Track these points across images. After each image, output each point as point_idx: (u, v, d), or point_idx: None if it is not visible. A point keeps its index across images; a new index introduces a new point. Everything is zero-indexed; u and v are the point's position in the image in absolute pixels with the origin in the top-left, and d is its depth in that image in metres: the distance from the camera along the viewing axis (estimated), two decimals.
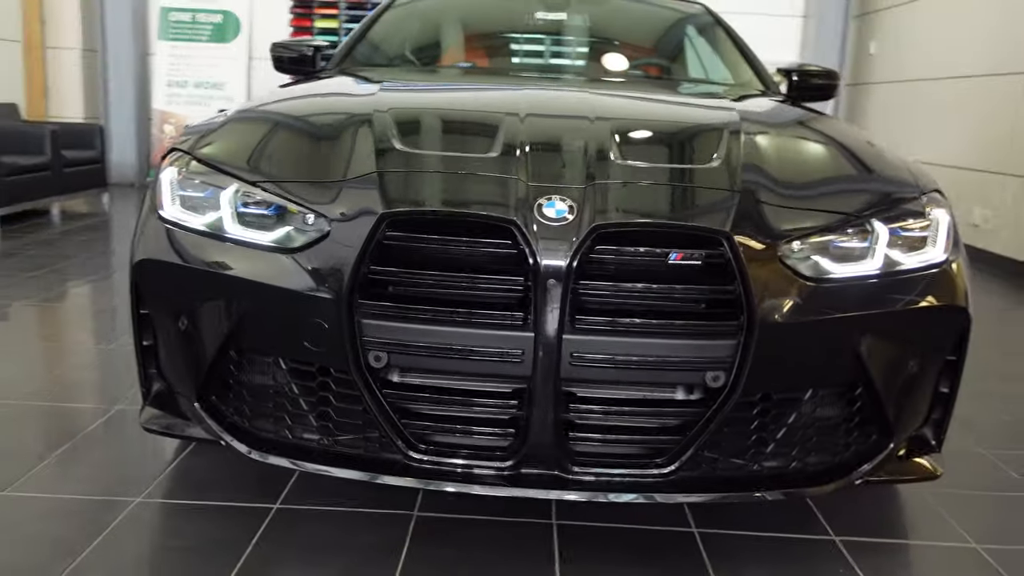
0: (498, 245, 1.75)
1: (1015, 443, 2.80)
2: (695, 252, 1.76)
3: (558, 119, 2.19)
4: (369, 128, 2.02)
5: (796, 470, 1.91)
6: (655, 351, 1.75)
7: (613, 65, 3.40)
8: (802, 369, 1.84)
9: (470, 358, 1.76)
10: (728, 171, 1.91)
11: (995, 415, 3.07)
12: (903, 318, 1.91)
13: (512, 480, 1.82)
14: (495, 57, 3.46)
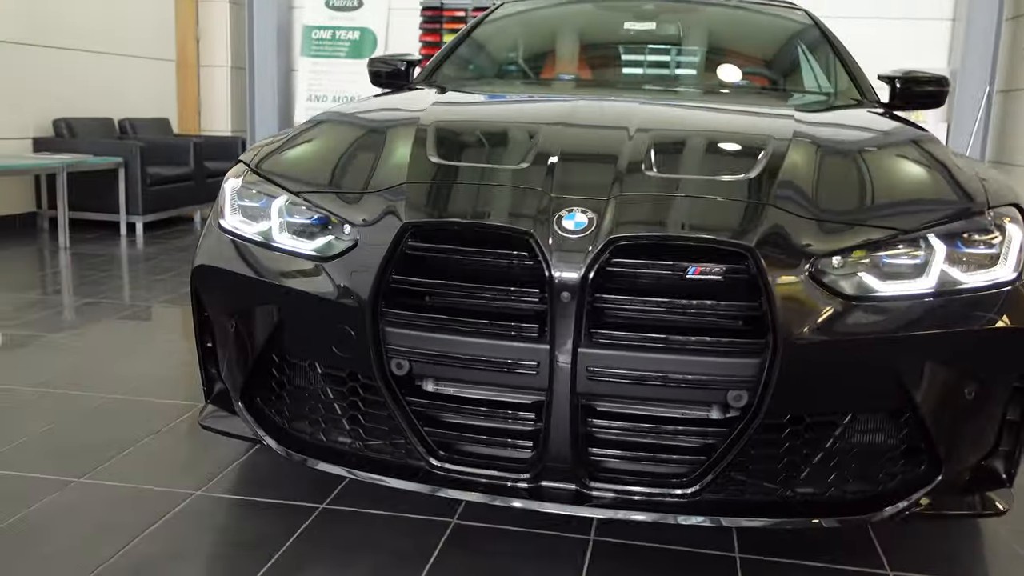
0: (516, 256, 1.75)
1: None
2: (716, 267, 1.70)
3: (598, 130, 2.16)
4: (409, 140, 2.06)
5: (832, 498, 1.81)
6: (675, 368, 1.70)
7: (699, 75, 3.32)
8: (836, 392, 1.74)
9: (488, 369, 1.76)
10: (762, 184, 1.84)
11: None
12: (959, 340, 1.78)
13: (531, 493, 1.81)
14: (581, 69, 3.45)
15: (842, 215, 1.81)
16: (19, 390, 3.01)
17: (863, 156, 2.08)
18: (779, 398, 1.69)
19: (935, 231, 1.82)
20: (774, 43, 3.49)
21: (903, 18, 8.54)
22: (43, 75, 6.66)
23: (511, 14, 3.69)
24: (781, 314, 1.66)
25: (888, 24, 8.52)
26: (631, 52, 3.43)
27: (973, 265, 1.84)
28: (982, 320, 1.79)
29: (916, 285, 1.78)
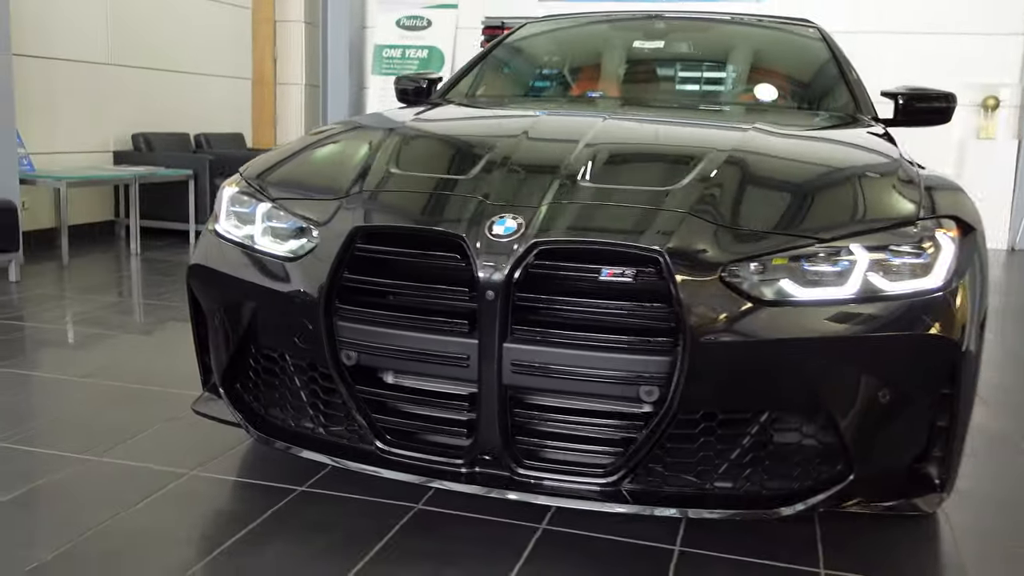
0: (449, 258, 1.91)
1: None
2: (628, 270, 1.82)
3: (550, 143, 2.31)
4: (376, 152, 2.25)
5: (749, 493, 1.90)
6: (592, 363, 1.83)
7: (696, 92, 3.43)
8: (747, 391, 1.84)
9: (425, 361, 1.93)
10: (685, 194, 1.95)
11: None
12: (873, 346, 1.86)
13: (467, 478, 1.96)
14: (585, 87, 3.60)
15: (762, 223, 1.91)
16: (67, 379, 3.31)
17: (803, 168, 2.17)
18: (689, 395, 1.81)
19: (858, 241, 1.91)
20: (778, 60, 3.57)
21: (975, 33, 8.37)
22: (125, 93, 7.13)
23: (529, 36, 3.86)
24: (689, 315, 1.78)
25: (955, 40, 8.35)
26: (633, 70, 3.57)
27: (899, 274, 1.92)
28: (900, 327, 1.86)
29: (834, 292, 1.87)
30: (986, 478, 2.66)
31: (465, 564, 2.03)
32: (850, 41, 8.09)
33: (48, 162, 6.36)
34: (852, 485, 1.88)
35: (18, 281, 5.12)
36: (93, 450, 2.62)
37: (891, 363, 1.88)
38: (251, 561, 2.02)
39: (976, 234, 2.11)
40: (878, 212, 2.00)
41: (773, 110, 3.19)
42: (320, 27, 9.76)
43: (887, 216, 1.99)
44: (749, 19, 3.78)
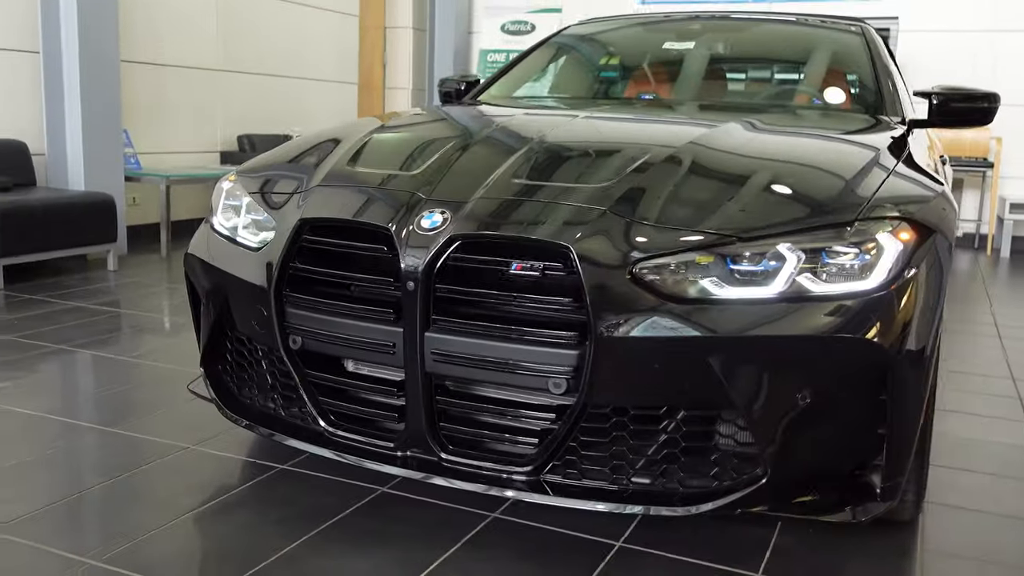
0: (379, 250, 1.99)
1: None
2: (537, 263, 1.86)
3: (502, 142, 2.35)
4: (343, 149, 2.37)
5: (667, 490, 1.90)
6: (504, 354, 1.88)
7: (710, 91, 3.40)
8: (656, 387, 1.84)
9: (357, 347, 2.02)
10: (611, 191, 1.97)
11: None
12: (791, 347, 1.82)
13: (401, 461, 2.04)
14: (599, 90, 3.63)
15: (684, 221, 1.90)
16: (117, 359, 3.60)
17: (750, 165, 2.14)
18: (597, 389, 1.83)
19: (787, 240, 1.87)
20: (807, 60, 3.48)
21: None
22: (233, 97, 7.58)
23: (564, 39, 3.91)
24: (597, 311, 1.80)
25: None
26: (653, 71, 3.56)
27: (834, 275, 1.87)
28: (823, 329, 1.82)
29: (755, 291, 1.84)
30: (981, 495, 2.53)
31: (402, 544, 2.11)
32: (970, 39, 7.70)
33: (158, 161, 6.83)
34: (766, 488, 1.85)
35: (116, 270, 5.55)
36: (108, 422, 2.85)
37: (812, 366, 1.84)
38: (213, 526, 2.18)
39: (935, 238, 2.03)
40: (816, 212, 1.96)
41: (779, 108, 3.13)
42: (428, 33, 10.04)
43: (824, 216, 1.94)
44: (790, 18, 3.70)
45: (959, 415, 3.24)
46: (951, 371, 3.84)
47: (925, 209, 2.07)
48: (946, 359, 4.04)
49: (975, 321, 4.89)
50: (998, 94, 3.13)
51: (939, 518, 2.36)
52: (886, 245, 1.90)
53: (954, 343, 4.36)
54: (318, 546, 2.10)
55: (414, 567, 2.01)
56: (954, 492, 2.54)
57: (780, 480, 1.86)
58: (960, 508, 2.43)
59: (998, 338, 4.52)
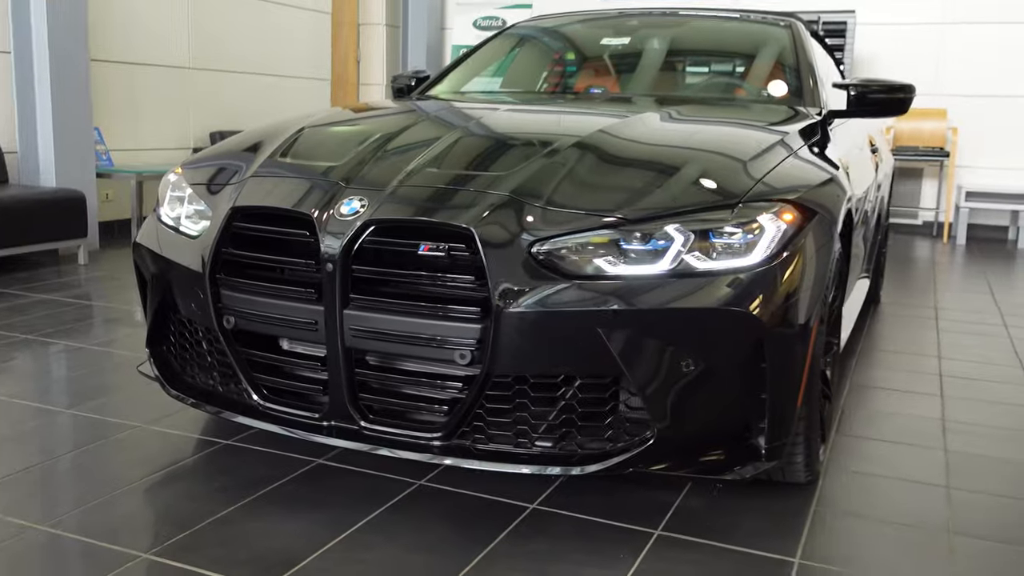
0: (301, 235, 2.16)
1: None
2: (442, 245, 2.03)
3: (425, 134, 2.52)
4: (277, 142, 2.53)
5: (565, 452, 2.07)
6: (415, 329, 2.05)
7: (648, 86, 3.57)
8: (552, 357, 2.01)
9: (284, 325, 2.19)
10: (515, 178, 2.14)
11: None
12: (675, 319, 1.99)
13: (326, 430, 2.21)
14: (545, 84, 3.80)
15: (581, 204, 2.08)
16: (83, 347, 3.75)
17: (648, 152, 2.31)
18: (498, 360, 2.00)
19: (675, 221, 2.05)
20: (730, 54, 3.66)
21: None
22: (205, 94, 7.72)
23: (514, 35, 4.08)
24: (497, 288, 1.97)
25: None
26: (586, 67, 3.73)
27: (719, 253, 2.05)
28: (704, 302, 1.99)
29: (643, 269, 2.02)
30: (880, 461, 2.71)
31: (331, 508, 2.28)
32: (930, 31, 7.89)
33: (130, 158, 6.97)
34: (654, 449, 2.02)
35: (86, 264, 5.69)
36: (67, 405, 3.01)
37: (696, 337, 2.01)
38: (157, 494, 2.34)
39: (817, 220, 2.20)
40: (705, 194, 2.13)
41: (703, 100, 3.30)
42: (401, 29, 10.18)
43: (712, 198, 2.11)
44: (731, 15, 3.89)
45: (880, 391, 3.43)
46: (883, 351, 4.03)
47: (812, 192, 2.25)
48: (881, 339, 4.23)
49: (917, 305, 5.08)
50: (913, 85, 3.31)
51: (836, 481, 2.54)
52: (766, 226, 2.07)
53: (893, 326, 4.55)
54: (252, 510, 2.26)
55: (339, 528, 2.18)
56: (856, 458, 2.72)
57: (668, 442, 2.03)
58: (860, 473, 2.62)
59: (935, 320, 4.71)
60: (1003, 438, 2.95)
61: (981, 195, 7.65)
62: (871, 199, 3.58)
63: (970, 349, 4.10)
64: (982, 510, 2.40)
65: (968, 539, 2.23)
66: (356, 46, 10.20)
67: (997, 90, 7.90)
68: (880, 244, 4.71)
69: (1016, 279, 6.06)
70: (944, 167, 8.00)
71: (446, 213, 2.07)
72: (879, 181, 4.02)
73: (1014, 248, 7.57)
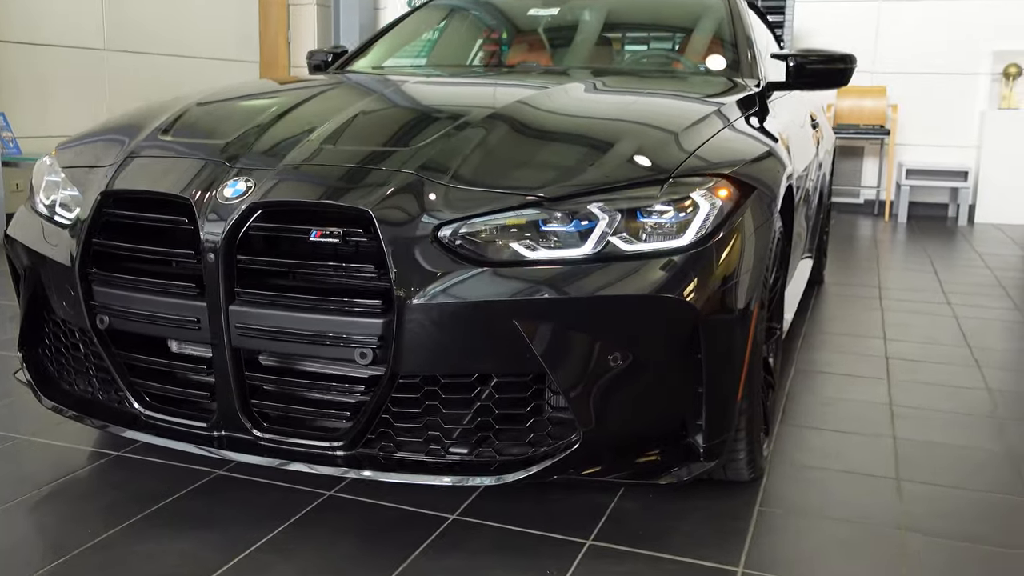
0: (179, 222, 1.91)
1: None
2: (336, 230, 1.79)
3: (320, 108, 2.28)
4: (159, 120, 2.26)
5: (483, 458, 1.86)
6: (309, 326, 1.81)
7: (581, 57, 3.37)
8: (465, 354, 1.80)
9: (163, 325, 1.93)
10: (419, 153, 1.91)
11: None
12: (599, 308, 1.79)
13: (216, 441, 1.96)
14: (456, 57, 3.58)
15: (494, 182, 1.86)
16: None
17: (570, 125, 2.11)
18: (403, 358, 1.77)
19: (600, 199, 1.84)
20: (663, 25, 3.47)
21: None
22: (122, 78, 7.32)
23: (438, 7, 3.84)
24: (400, 277, 1.74)
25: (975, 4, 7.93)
26: (523, 39, 3.51)
27: (648, 234, 1.85)
28: (631, 288, 1.79)
29: (564, 252, 1.81)
30: (826, 453, 2.55)
31: (226, 526, 2.04)
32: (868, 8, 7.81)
33: (42, 145, 6.56)
34: (581, 453, 1.82)
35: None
36: None
37: (623, 327, 1.81)
38: (33, 516, 2.09)
39: (755, 196, 2.02)
40: (632, 170, 1.92)
41: (633, 71, 3.11)
42: (333, 8, 9.84)
43: (638, 174, 1.91)
44: None
45: (825, 375, 3.28)
46: (828, 333, 3.89)
47: (749, 167, 2.06)
48: (824, 321, 4.09)
49: (860, 285, 4.97)
50: (854, 56, 3.16)
51: (781, 477, 2.37)
52: (700, 203, 1.88)
53: (837, 307, 4.42)
54: (139, 530, 2.02)
55: (234, 548, 1.94)
56: (801, 451, 2.56)
57: (597, 445, 1.83)
58: (805, 467, 2.45)
59: (879, 299, 4.60)
60: (952, 423, 2.82)
61: (921, 172, 7.61)
62: (813, 176, 3.42)
63: (915, 329, 3.99)
64: (934, 503, 2.24)
65: (921, 536, 2.07)
66: (286, 26, 9.83)
67: (936, 67, 7.86)
68: (823, 223, 4.58)
69: (957, 257, 6.00)
70: (884, 145, 7.94)
71: (342, 194, 1.83)
72: (820, 159, 3.87)
73: (954, 225, 7.55)
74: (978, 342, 3.79)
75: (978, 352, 3.63)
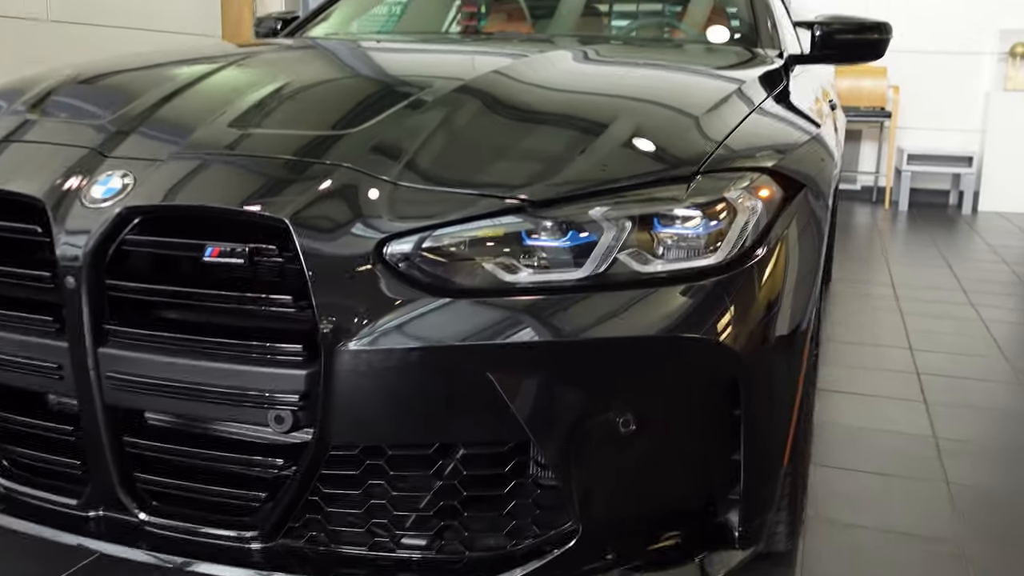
0: (30, 231, 1.40)
1: None
2: (237, 247, 1.29)
3: (233, 80, 1.78)
4: (34, 92, 1.75)
5: (448, 555, 1.37)
6: (204, 377, 1.32)
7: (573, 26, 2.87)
8: (422, 417, 1.31)
9: (18, 371, 1.43)
10: (356, 140, 1.42)
11: None
12: (608, 354, 1.31)
13: (93, 523, 1.46)
14: (446, 25, 3.08)
15: (465, 180, 1.37)
16: None
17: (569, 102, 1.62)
18: (335, 422, 1.29)
19: (603, 203, 1.35)
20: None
21: None
22: (70, 52, 6.72)
23: None
24: (328, 311, 1.25)
25: None
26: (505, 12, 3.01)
27: (670, 249, 1.37)
28: (653, 326, 1.31)
29: (557, 276, 1.33)
30: (869, 505, 2.10)
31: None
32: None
33: None
34: (579, 546, 1.34)
35: None
36: None
37: (637, 378, 1.33)
38: None
39: (806, 194, 1.54)
40: (644, 162, 1.44)
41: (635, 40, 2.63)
42: None
43: (655, 168, 1.42)
44: None
45: (849, 397, 2.82)
46: (841, 342, 3.44)
47: (793, 157, 1.59)
48: (836, 326, 3.64)
49: (871, 282, 4.52)
50: (889, 24, 2.68)
51: (819, 540, 1.92)
52: (737, 206, 1.40)
53: (846, 308, 3.97)
54: None
55: None
56: (837, 501, 2.10)
57: (599, 532, 1.35)
58: (845, 525, 2.00)
59: (895, 300, 4.15)
60: (1008, 461, 2.37)
61: (923, 158, 7.17)
62: (839, 167, 2.95)
63: (943, 338, 3.54)
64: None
65: None
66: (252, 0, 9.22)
67: (939, 46, 7.40)
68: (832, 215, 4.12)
69: (969, 249, 5.57)
70: (885, 128, 7.49)
71: (250, 196, 1.33)
72: (842, 145, 3.41)
73: (956, 213, 7.12)
74: (1013, 352, 3.35)
75: (1017, 365, 3.19)
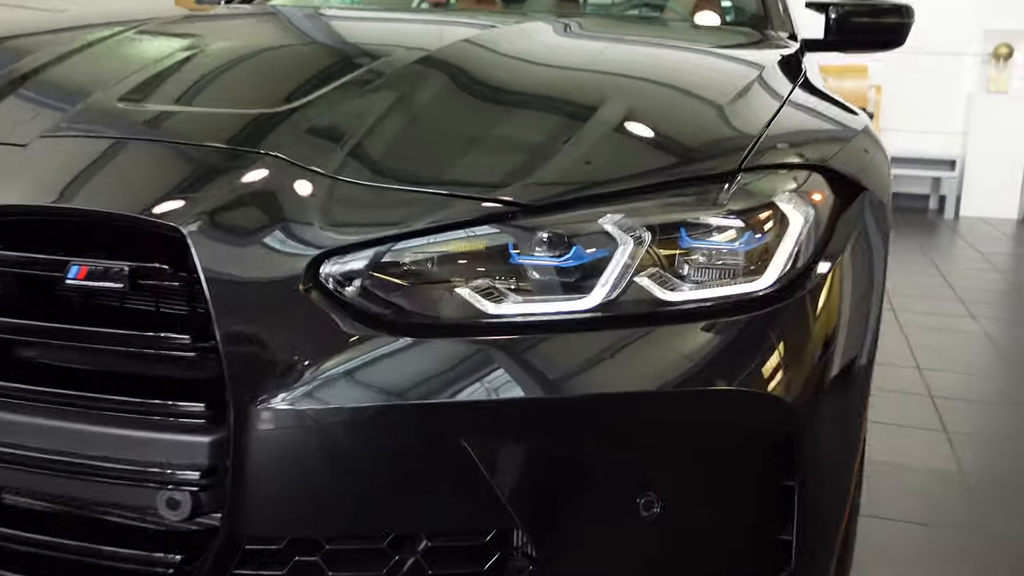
0: None
1: None
2: (115, 267, 0.94)
3: (134, 46, 1.42)
4: None
5: None
6: (71, 444, 0.96)
7: None
8: (369, 499, 0.96)
9: None
10: (286, 122, 1.07)
11: None
12: (620, 412, 0.97)
13: None
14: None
15: (432, 176, 1.02)
16: None
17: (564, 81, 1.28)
18: (251, 508, 0.94)
19: (616, 208, 1.02)
20: None
21: None
22: None
23: None
24: (240, 356, 0.90)
25: None
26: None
27: (701, 268, 1.03)
28: (680, 375, 0.97)
29: (556, 306, 0.99)
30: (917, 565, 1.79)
31: None
32: None
33: None
34: None
35: None
36: None
37: (659, 444, 0.99)
38: None
39: (865, 199, 1.22)
40: (665, 158, 1.12)
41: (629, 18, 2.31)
42: None
43: (680, 165, 1.09)
44: None
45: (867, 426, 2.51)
46: None
47: (846, 154, 1.26)
48: None
49: None
50: (910, 7, 2.39)
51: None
52: (791, 214, 1.07)
53: None
54: None
55: None
56: (880, 561, 1.79)
57: None
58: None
59: (892, 312, 3.87)
60: None
61: (905, 161, 6.93)
62: None
63: (949, 355, 3.26)
64: None
65: None
66: None
67: (920, 46, 7.17)
68: None
69: (958, 256, 5.34)
70: None
71: (137, 195, 0.97)
72: None
73: (938, 218, 6.90)
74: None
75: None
